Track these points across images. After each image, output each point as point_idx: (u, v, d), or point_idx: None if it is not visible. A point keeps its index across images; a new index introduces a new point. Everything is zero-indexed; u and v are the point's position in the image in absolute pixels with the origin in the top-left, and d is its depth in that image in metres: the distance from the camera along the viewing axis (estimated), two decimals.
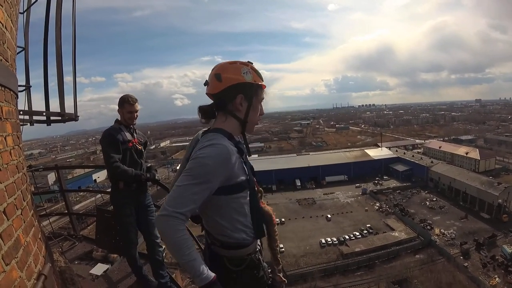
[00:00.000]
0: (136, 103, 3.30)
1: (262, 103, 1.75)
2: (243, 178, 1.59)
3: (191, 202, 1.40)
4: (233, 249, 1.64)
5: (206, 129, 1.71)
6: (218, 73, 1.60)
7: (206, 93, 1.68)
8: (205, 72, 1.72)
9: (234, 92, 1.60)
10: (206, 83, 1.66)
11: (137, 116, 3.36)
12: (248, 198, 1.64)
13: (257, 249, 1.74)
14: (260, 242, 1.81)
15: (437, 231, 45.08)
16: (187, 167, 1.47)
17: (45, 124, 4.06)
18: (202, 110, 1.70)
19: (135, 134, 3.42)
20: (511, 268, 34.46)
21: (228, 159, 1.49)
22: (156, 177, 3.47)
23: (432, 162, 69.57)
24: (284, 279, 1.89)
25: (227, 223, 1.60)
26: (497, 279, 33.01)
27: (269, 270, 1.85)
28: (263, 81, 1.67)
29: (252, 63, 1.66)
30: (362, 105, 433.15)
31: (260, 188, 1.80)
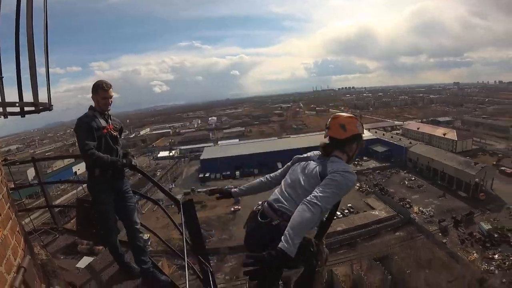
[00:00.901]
0: (110, 89, 3.23)
1: None
2: None
3: (330, 204, 2.02)
4: None
5: (322, 152, 2.42)
6: (343, 124, 2.31)
7: (326, 136, 2.40)
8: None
9: (354, 140, 2.34)
10: (327, 127, 2.39)
11: (111, 102, 3.28)
12: None
13: None
14: None
15: (416, 209, 46.69)
16: (336, 179, 2.04)
17: (20, 116, 3.94)
18: (324, 147, 2.39)
19: (109, 120, 3.34)
20: (488, 244, 35.95)
21: (353, 187, 2.16)
22: (133, 163, 3.35)
23: (410, 143, 71.66)
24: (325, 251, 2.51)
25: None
26: (475, 254, 34.48)
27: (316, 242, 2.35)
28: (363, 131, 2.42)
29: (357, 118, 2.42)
30: (342, 88, 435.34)
31: None
